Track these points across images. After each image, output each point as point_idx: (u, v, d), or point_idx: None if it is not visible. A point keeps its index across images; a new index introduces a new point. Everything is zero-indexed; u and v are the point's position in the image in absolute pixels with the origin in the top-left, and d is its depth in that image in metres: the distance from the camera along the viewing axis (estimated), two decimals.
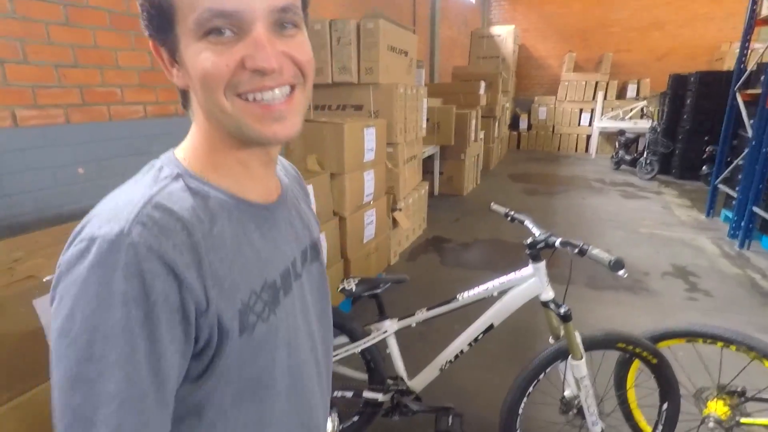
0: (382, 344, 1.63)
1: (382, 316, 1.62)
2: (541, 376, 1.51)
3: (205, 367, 0.51)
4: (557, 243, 1.34)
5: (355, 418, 1.75)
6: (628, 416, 1.73)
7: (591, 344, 1.48)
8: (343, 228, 2.81)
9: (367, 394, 1.63)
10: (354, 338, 1.59)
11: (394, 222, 3.72)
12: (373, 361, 1.64)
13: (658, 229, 4.71)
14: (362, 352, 1.60)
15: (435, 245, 4.29)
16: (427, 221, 4.73)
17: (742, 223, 4.19)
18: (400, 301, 3.09)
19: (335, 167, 2.69)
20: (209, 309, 0.48)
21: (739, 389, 1.57)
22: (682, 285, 3.42)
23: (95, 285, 0.43)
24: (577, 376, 1.47)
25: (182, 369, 0.49)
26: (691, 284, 3.43)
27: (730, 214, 4.56)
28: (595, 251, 1.17)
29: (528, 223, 1.54)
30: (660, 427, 1.62)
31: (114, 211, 0.46)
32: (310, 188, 2.44)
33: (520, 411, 1.53)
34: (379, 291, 1.54)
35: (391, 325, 1.60)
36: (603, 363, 1.62)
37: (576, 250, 1.22)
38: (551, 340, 1.58)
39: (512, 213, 1.64)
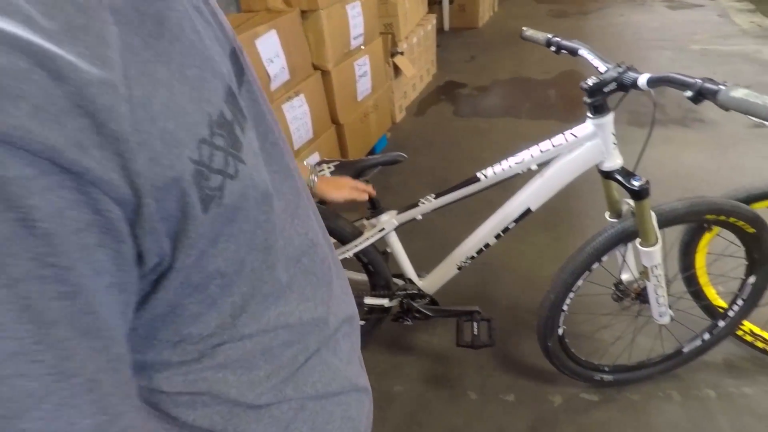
0: (380, 242, 1.25)
1: (376, 209, 1.20)
2: (595, 266, 1.14)
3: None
4: (642, 82, 0.81)
5: (361, 323, 1.47)
6: (699, 296, 1.40)
7: (669, 221, 1.07)
8: (329, 85, 2.24)
9: (370, 301, 1.32)
10: (343, 240, 1.21)
11: (396, 69, 3.08)
12: (372, 264, 1.28)
13: (713, 44, 3.93)
14: (356, 254, 1.24)
15: (447, 93, 3.67)
16: (437, 64, 4.01)
17: None
18: (410, 166, 2.68)
19: (305, 1, 2.01)
20: (143, 202, 0.27)
21: None
22: None
23: None
24: (648, 265, 1.08)
25: (128, 306, 0.30)
26: None
27: None
28: (741, 93, 0.64)
29: (585, 53, 0.99)
30: (739, 304, 1.30)
31: None
32: (272, 34, 1.83)
33: (565, 307, 1.20)
34: (366, 177, 1.10)
35: (388, 221, 1.19)
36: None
37: (690, 93, 0.70)
38: (608, 217, 1.16)
39: (557, 39, 1.07)
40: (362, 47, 2.46)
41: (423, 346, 1.63)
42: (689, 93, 0.70)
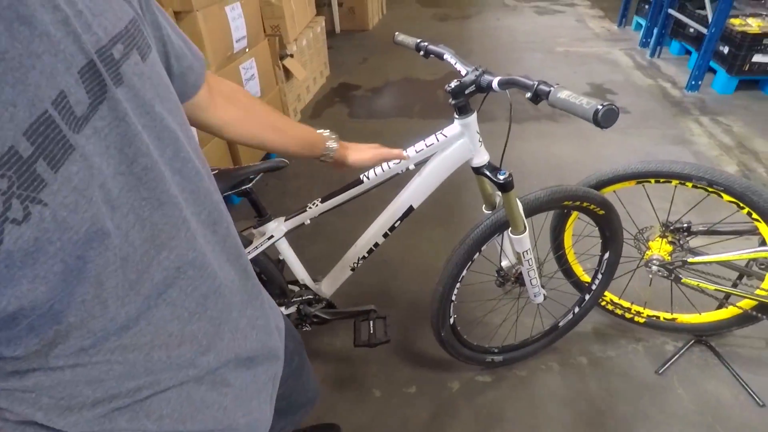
0: (272, 249, 1.21)
1: (263, 217, 1.17)
2: (476, 256, 1.22)
3: None
4: (495, 84, 0.89)
5: None
6: (569, 273, 1.57)
7: (534, 209, 1.18)
8: None
9: None
10: None
11: (287, 72, 3.02)
12: (264, 272, 1.24)
13: (574, 46, 4.45)
14: None
15: (341, 95, 3.69)
16: (329, 66, 4.01)
17: (655, 30, 4.04)
18: (307, 170, 2.65)
19: (178, 1, 1.89)
20: None
21: (685, 225, 1.40)
22: None
23: None
24: (519, 251, 1.19)
25: None
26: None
27: (642, 21, 4.42)
28: (564, 94, 0.73)
29: (449, 58, 1.06)
30: (599, 277, 1.47)
31: None
32: None
33: (454, 297, 1.27)
34: (247, 186, 1.06)
35: (276, 228, 1.16)
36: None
37: (529, 94, 0.78)
38: (485, 209, 1.25)
39: (425, 44, 1.13)
40: (247, 50, 2.37)
41: (327, 349, 1.62)
42: (529, 94, 0.78)
